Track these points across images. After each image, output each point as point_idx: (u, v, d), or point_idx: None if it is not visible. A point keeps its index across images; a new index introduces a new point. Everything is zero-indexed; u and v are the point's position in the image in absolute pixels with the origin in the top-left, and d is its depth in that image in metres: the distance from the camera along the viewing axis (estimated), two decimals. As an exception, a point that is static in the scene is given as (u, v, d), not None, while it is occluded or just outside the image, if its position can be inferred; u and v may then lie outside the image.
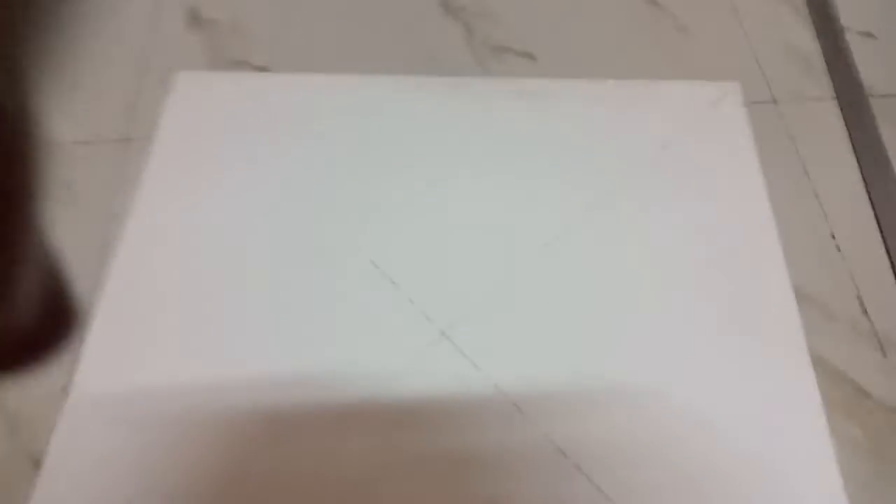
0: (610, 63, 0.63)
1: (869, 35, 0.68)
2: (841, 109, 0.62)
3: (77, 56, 0.66)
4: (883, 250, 0.53)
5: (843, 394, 0.47)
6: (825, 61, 0.65)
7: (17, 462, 0.43)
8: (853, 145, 0.59)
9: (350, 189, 0.54)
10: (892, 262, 0.53)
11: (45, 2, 0.23)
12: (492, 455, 0.43)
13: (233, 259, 0.51)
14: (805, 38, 0.67)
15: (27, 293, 0.29)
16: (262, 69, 0.61)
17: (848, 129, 0.60)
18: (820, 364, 0.48)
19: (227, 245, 0.51)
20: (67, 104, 0.58)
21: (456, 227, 0.53)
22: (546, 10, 0.67)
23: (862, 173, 0.57)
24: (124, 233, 0.52)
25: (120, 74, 0.60)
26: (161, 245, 0.51)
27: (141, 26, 0.63)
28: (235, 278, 0.50)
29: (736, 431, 0.45)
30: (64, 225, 0.50)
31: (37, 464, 0.42)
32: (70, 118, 0.57)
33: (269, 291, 0.50)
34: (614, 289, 0.51)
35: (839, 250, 0.53)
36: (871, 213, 0.55)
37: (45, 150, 0.23)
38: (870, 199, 0.56)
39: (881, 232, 0.54)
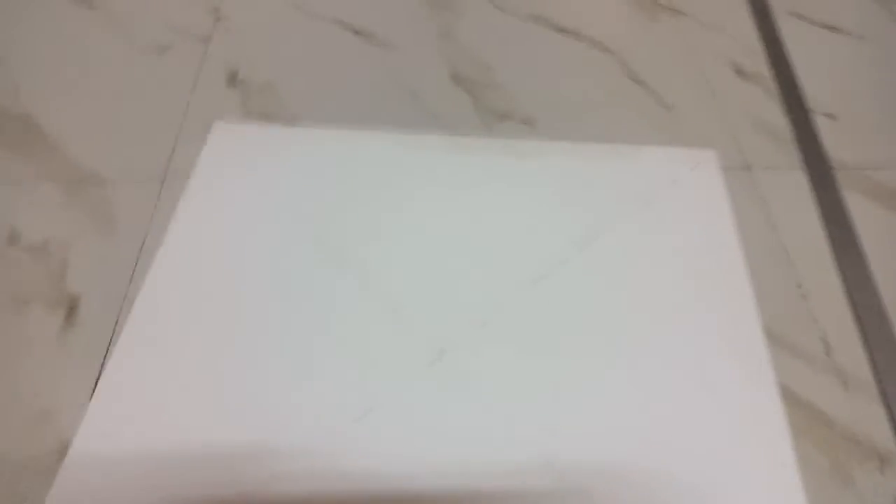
0: (600, 131, 0.70)
1: (831, 116, 0.75)
2: (808, 177, 0.68)
3: (128, 104, 0.74)
4: (844, 297, 0.59)
5: (808, 423, 0.51)
6: (794, 136, 0.73)
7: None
8: (819, 207, 0.65)
9: (360, 231, 0.60)
10: (852, 307, 0.57)
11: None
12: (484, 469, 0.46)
13: (249, 297, 0.55)
14: (775, 116, 0.75)
15: None
16: (290, 121, 0.68)
17: (814, 194, 0.67)
18: (788, 396, 0.52)
19: (245, 282, 0.56)
20: (113, 145, 0.65)
21: (450, 264, 0.58)
22: (544, 84, 0.75)
23: (826, 231, 0.63)
24: (151, 267, 0.56)
25: (164, 122, 0.67)
26: (185, 278, 0.56)
27: (186, 81, 0.71)
28: (251, 317, 0.54)
29: (707, 453, 0.49)
30: (102, 253, 0.56)
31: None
32: (115, 157, 0.64)
33: (284, 337, 0.53)
34: (591, 327, 0.55)
35: (805, 298, 0.58)
36: (834, 266, 0.61)
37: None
38: (833, 253, 0.62)
39: (843, 282, 0.59)
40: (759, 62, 0.81)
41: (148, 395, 0.49)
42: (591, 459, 0.46)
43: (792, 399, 0.52)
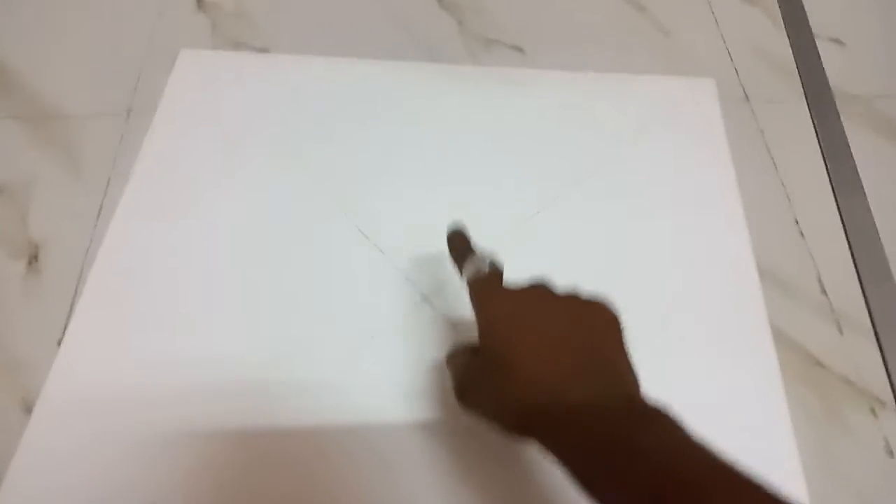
0: (593, 58, 0.66)
1: (837, 41, 0.72)
2: (809, 108, 0.65)
3: (90, 32, 0.69)
4: (843, 236, 0.57)
5: (800, 364, 0.50)
6: (797, 64, 0.69)
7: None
8: (819, 140, 0.63)
9: (341, 163, 0.57)
10: (850, 248, 0.56)
11: None
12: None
13: (224, 235, 0.53)
14: (779, 43, 0.71)
15: None
16: (263, 51, 0.64)
17: (815, 126, 0.64)
18: (780, 336, 0.51)
19: (219, 220, 0.53)
20: (75, 78, 0.60)
21: (440, 201, 0.56)
22: (535, 8, 0.70)
23: (826, 165, 0.61)
24: (119, 205, 0.54)
25: (128, 51, 0.63)
26: (154, 220, 0.53)
27: (151, 5, 0.66)
28: (228, 255, 0.52)
29: (695, 390, 0.48)
30: (66, 193, 0.53)
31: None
32: (77, 92, 0.60)
33: (260, 268, 0.52)
34: (589, 264, 0.54)
35: (802, 235, 0.57)
36: (834, 202, 0.59)
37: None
38: (832, 188, 0.60)
39: (842, 219, 0.58)
40: (764, -17, 0.76)
41: (117, 341, 0.48)
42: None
43: (784, 339, 0.51)
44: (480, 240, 0.55)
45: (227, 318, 0.49)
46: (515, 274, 0.52)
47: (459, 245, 0.43)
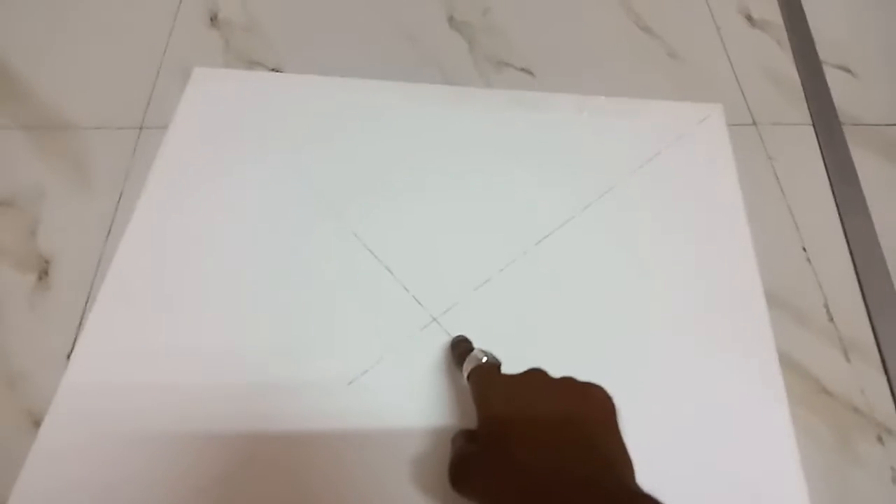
0: (602, 82, 0.67)
1: (844, 69, 0.72)
2: (816, 134, 0.66)
3: (103, 47, 0.70)
4: (850, 264, 0.57)
5: (808, 390, 0.50)
6: (804, 89, 0.70)
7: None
8: (826, 166, 0.63)
9: (350, 184, 0.57)
10: (857, 275, 0.56)
11: None
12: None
13: (233, 252, 0.53)
14: (786, 67, 0.72)
15: None
16: (275, 69, 0.65)
17: (822, 152, 0.64)
18: (787, 362, 0.51)
19: (229, 237, 0.54)
20: (87, 91, 0.61)
21: (449, 222, 0.56)
22: (545, 31, 0.71)
23: (833, 192, 0.61)
24: (130, 219, 0.54)
25: (141, 66, 0.63)
26: (164, 235, 0.54)
27: (164, 22, 0.67)
28: (236, 273, 0.52)
29: (702, 417, 0.48)
30: (76, 206, 0.53)
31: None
32: (89, 105, 0.60)
33: (268, 287, 0.52)
34: (597, 286, 0.54)
35: (809, 261, 0.57)
36: (840, 229, 0.59)
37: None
38: (839, 215, 0.60)
39: (849, 246, 0.58)
40: (771, 9, 0.77)
41: (127, 353, 0.48)
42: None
43: (792, 365, 0.51)
44: (489, 263, 0.55)
45: (234, 336, 0.49)
46: (523, 298, 0.52)
47: (461, 347, 0.45)
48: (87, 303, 0.49)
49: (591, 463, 0.31)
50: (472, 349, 0.44)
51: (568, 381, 0.37)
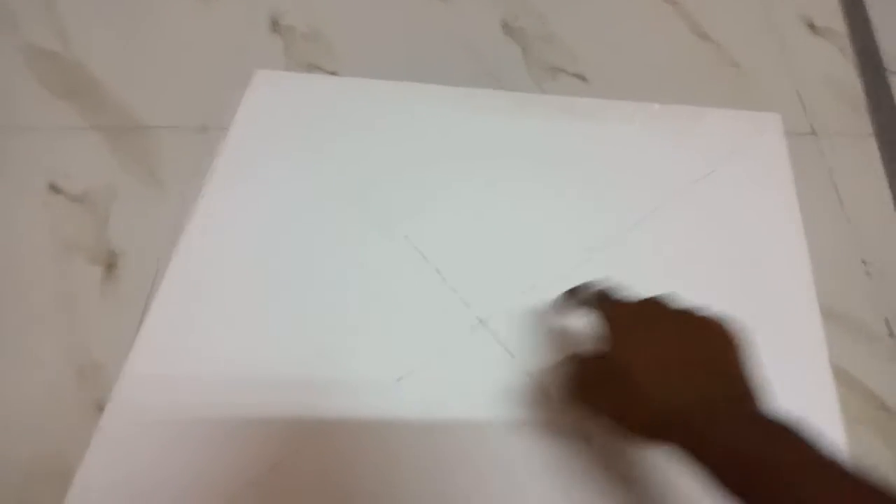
0: (657, 88, 0.66)
1: (911, 77, 0.70)
2: (878, 145, 0.64)
3: (172, 51, 0.73)
4: (913, 278, 0.55)
5: (864, 405, 0.49)
6: (867, 99, 0.68)
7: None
8: (888, 177, 0.61)
9: (403, 187, 0.58)
10: (920, 290, 0.54)
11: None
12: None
13: (289, 251, 0.54)
14: (849, 76, 0.70)
15: None
16: (333, 73, 0.66)
17: (884, 164, 0.63)
18: (844, 377, 0.50)
19: (285, 237, 0.55)
20: (156, 93, 0.64)
21: (498, 229, 0.56)
22: (599, 37, 0.71)
23: (894, 203, 0.60)
24: (191, 218, 0.56)
25: (207, 70, 0.66)
26: (222, 233, 0.55)
27: (230, 27, 0.69)
28: (291, 271, 0.53)
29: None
30: (144, 203, 0.56)
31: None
32: (158, 106, 0.63)
33: (321, 286, 0.53)
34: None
35: (869, 275, 0.55)
36: (903, 242, 0.57)
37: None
38: (902, 229, 0.58)
39: (912, 261, 0.56)
40: (834, 17, 0.75)
41: (185, 346, 0.50)
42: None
43: (848, 381, 0.50)
44: (543, 270, 0.55)
45: (288, 332, 0.50)
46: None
47: (582, 288, 0.45)
48: (149, 295, 0.51)
49: (710, 388, 0.32)
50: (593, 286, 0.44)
51: (691, 314, 0.37)
